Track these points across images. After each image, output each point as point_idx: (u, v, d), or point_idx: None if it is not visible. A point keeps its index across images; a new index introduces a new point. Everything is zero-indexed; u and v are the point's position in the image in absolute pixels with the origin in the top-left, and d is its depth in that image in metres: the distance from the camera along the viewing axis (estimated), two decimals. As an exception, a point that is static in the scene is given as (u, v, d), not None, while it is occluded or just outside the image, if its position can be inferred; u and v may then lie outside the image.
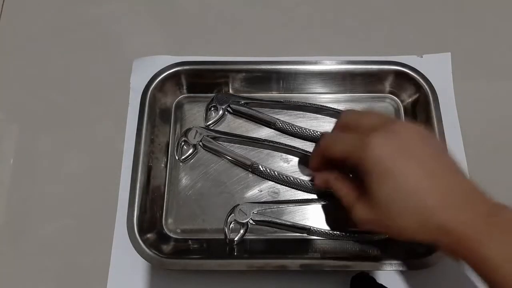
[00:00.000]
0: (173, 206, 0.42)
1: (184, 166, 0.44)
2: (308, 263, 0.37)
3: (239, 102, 0.45)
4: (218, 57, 0.47)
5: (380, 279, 0.38)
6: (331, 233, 0.40)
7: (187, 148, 0.44)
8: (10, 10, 0.53)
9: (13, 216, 0.43)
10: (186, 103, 0.47)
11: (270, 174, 0.42)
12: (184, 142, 0.44)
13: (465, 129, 0.45)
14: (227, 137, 0.44)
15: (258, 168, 0.42)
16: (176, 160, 0.44)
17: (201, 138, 0.44)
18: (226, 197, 0.42)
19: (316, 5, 0.53)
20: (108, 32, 0.52)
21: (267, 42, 0.51)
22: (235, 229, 0.40)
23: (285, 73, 0.45)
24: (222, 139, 0.44)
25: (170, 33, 0.52)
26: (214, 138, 0.44)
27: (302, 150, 0.43)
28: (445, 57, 0.49)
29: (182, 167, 0.44)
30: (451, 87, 0.47)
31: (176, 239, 0.41)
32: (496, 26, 0.52)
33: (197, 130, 0.44)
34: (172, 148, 0.44)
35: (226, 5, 0.53)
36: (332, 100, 0.46)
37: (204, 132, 0.44)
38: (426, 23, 0.52)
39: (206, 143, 0.44)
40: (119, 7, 0.53)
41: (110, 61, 0.50)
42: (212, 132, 0.44)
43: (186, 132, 0.44)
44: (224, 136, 0.44)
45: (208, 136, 0.44)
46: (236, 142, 0.45)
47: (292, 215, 0.42)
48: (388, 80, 0.46)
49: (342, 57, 0.47)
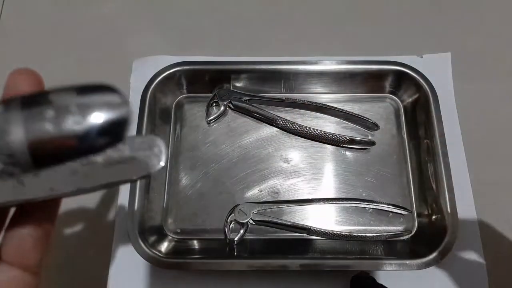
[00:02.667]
0: (173, 206, 0.42)
1: (184, 165, 0.44)
2: (308, 263, 0.37)
3: (241, 98, 0.45)
4: (218, 57, 0.47)
5: (380, 279, 0.38)
6: (331, 233, 0.40)
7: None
8: (10, 10, 0.53)
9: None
10: (186, 103, 0.47)
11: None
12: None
13: (465, 129, 0.45)
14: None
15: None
16: (176, 159, 0.44)
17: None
18: (226, 197, 0.42)
19: (316, 5, 0.53)
20: (108, 32, 0.52)
21: (267, 42, 0.51)
22: (235, 229, 0.40)
23: (285, 73, 0.45)
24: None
25: (170, 33, 0.52)
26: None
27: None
28: (445, 57, 0.49)
29: (183, 167, 0.44)
30: (451, 87, 0.47)
31: (176, 239, 0.41)
32: (496, 26, 0.52)
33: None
34: (172, 148, 0.45)
35: (226, 5, 0.53)
36: (332, 100, 0.46)
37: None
38: (426, 23, 0.52)
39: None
40: (119, 7, 0.53)
41: (110, 61, 0.50)
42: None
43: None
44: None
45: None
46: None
47: (292, 215, 0.42)
48: (388, 80, 0.46)
49: (342, 57, 0.47)
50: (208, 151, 0.44)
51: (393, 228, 0.41)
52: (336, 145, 0.44)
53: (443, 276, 0.40)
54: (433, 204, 0.41)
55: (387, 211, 0.42)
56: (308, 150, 0.44)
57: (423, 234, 0.41)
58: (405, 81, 0.45)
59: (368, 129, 0.45)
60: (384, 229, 0.41)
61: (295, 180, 0.43)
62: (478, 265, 0.40)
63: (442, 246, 0.37)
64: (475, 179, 0.43)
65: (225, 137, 0.45)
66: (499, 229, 0.42)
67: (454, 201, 0.39)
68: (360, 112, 0.45)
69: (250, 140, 0.45)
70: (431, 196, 0.41)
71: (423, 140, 0.43)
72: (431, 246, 0.38)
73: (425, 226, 0.41)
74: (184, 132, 0.45)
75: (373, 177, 0.43)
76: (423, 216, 0.42)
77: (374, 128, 0.45)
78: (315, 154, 0.44)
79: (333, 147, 0.44)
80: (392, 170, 0.43)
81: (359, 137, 0.44)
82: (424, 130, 0.43)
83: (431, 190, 0.41)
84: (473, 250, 0.41)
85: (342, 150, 0.44)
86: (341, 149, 0.44)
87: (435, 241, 0.38)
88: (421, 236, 0.41)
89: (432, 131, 0.42)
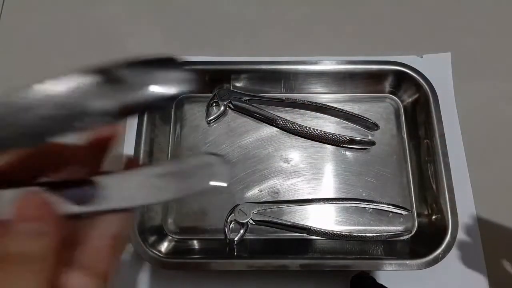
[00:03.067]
0: (173, 206, 0.42)
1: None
2: (308, 263, 0.37)
3: (241, 98, 0.45)
4: (218, 57, 0.47)
5: (380, 279, 0.38)
6: (331, 233, 0.40)
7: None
8: (10, 10, 0.53)
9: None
10: (186, 103, 0.47)
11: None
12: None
13: (465, 129, 0.45)
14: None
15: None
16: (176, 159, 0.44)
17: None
18: (226, 197, 0.42)
19: (316, 5, 0.53)
20: (108, 32, 0.52)
21: (267, 42, 0.51)
22: (235, 229, 0.40)
23: (285, 73, 0.45)
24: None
25: (170, 33, 0.52)
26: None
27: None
28: (445, 57, 0.49)
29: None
30: (451, 87, 0.47)
31: (176, 239, 0.41)
32: (496, 26, 0.52)
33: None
34: (172, 148, 0.45)
35: (226, 5, 0.53)
36: (332, 100, 0.46)
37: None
38: (426, 23, 0.52)
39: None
40: (119, 7, 0.53)
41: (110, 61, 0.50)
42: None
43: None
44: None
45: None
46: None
47: (292, 215, 0.42)
48: (388, 80, 0.46)
49: (342, 57, 0.47)
50: (208, 151, 0.44)
51: (393, 228, 0.41)
52: (336, 145, 0.44)
53: (443, 276, 0.40)
54: (433, 204, 0.41)
55: (387, 211, 0.42)
56: (308, 150, 0.44)
57: (423, 234, 0.41)
58: (405, 81, 0.45)
59: (368, 129, 0.45)
60: (384, 229, 0.41)
61: (295, 180, 0.43)
62: (478, 265, 0.40)
63: (442, 246, 0.37)
64: (475, 179, 0.43)
65: (225, 137, 0.45)
66: (499, 229, 0.42)
67: (454, 201, 0.39)
68: (360, 112, 0.45)
69: (250, 140, 0.45)
70: (431, 196, 0.41)
71: (423, 140, 0.43)
72: (431, 246, 0.38)
73: (425, 226, 0.41)
74: (184, 132, 0.45)
75: (373, 177, 0.43)
76: (423, 216, 0.42)
77: (374, 128, 0.45)
78: (315, 154, 0.44)
79: (333, 147, 0.44)
80: (392, 170, 0.43)
81: (359, 137, 0.44)
82: (424, 130, 0.43)
83: (431, 190, 0.41)
84: (473, 250, 0.41)
85: (342, 150, 0.44)
86: (341, 149, 0.44)
87: (435, 241, 0.38)
88: (421, 236, 0.41)
89: (432, 131, 0.42)
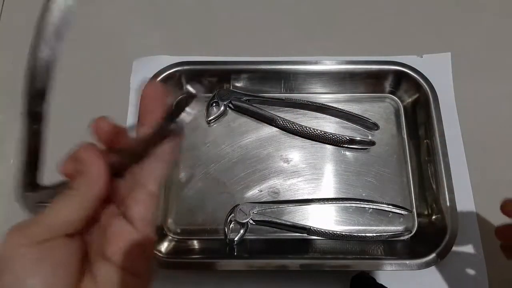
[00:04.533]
0: (173, 206, 0.42)
1: (184, 165, 0.44)
2: (308, 263, 0.37)
3: (241, 98, 0.45)
4: (218, 57, 0.47)
5: (380, 279, 0.38)
6: (331, 233, 0.40)
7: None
8: (10, 10, 0.53)
9: (13, 216, 0.43)
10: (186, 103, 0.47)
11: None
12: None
13: (465, 129, 0.45)
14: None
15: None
16: (176, 160, 0.44)
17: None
18: (226, 197, 0.42)
19: (316, 5, 0.53)
20: (108, 32, 0.52)
21: (267, 42, 0.51)
22: (235, 229, 0.40)
23: (285, 73, 0.45)
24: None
25: (170, 33, 0.52)
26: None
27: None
28: (445, 57, 0.49)
29: (183, 166, 0.44)
30: (451, 87, 0.47)
31: (176, 239, 0.41)
32: (496, 26, 0.51)
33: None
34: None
35: (226, 5, 0.53)
36: (332, 100, 0.46)
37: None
38: (426, 23, 0.52)
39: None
40: (119, 7, 0.53)
41: (110, 61, 0.50)
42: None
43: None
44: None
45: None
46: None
47: (292, 215, 0.42)
48: (388, 80, 0.46)
49: (342, 57, 0.47)
50: (208, 151, 0.44)
51: (393, 228, 0.41)
52: (336, 145, 0.44)
53: (443, 276, 0.40)
54: (433, 204, 0.41)
55: (387, 211, 0.42)
56: (308, 150, 0.44)
57: (423, 234, 0.41)
58: (405, 81, 0.45)
59: (368, 129, 0.45)
60: (384, 229, 0.41)
61: (295, 180, 0.43)
62: (478, 265, 0.40)
63: (442, 246, 0.37)
64: (475, 179, 0.43)
65: (225, 137, 0.45)
66: (499, 229, 0.42)
67: (454, 201, 0.39)
68: (360, 112, 0.45)
69: (250, 140, 0.45)
70: (431, 196, 0.41)
71: (423, 140, 0.43)
72: (431, 246, 0.38)
73: (425, 226, 0.41)
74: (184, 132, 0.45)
75: (373, 177, 0.43)
76: (423, 216, 0.42)
77: (374, 128, 0.45)
78: (315, 154, 0.44)
79: (333, 147, 0.44)
80: (392, 170, 0.43)
81: (359, 137, 0.44)
82: (424, 130, 0.43)
83: (431, 190, 0.41)
84: (473, 250, 0.41)
85: (342, 150, 0.44)
86: (341, 149, 0.44)
87: (435, 241, 0.38)
88: (421, 236, 0.41)
89: (432, 131, 0.42)
